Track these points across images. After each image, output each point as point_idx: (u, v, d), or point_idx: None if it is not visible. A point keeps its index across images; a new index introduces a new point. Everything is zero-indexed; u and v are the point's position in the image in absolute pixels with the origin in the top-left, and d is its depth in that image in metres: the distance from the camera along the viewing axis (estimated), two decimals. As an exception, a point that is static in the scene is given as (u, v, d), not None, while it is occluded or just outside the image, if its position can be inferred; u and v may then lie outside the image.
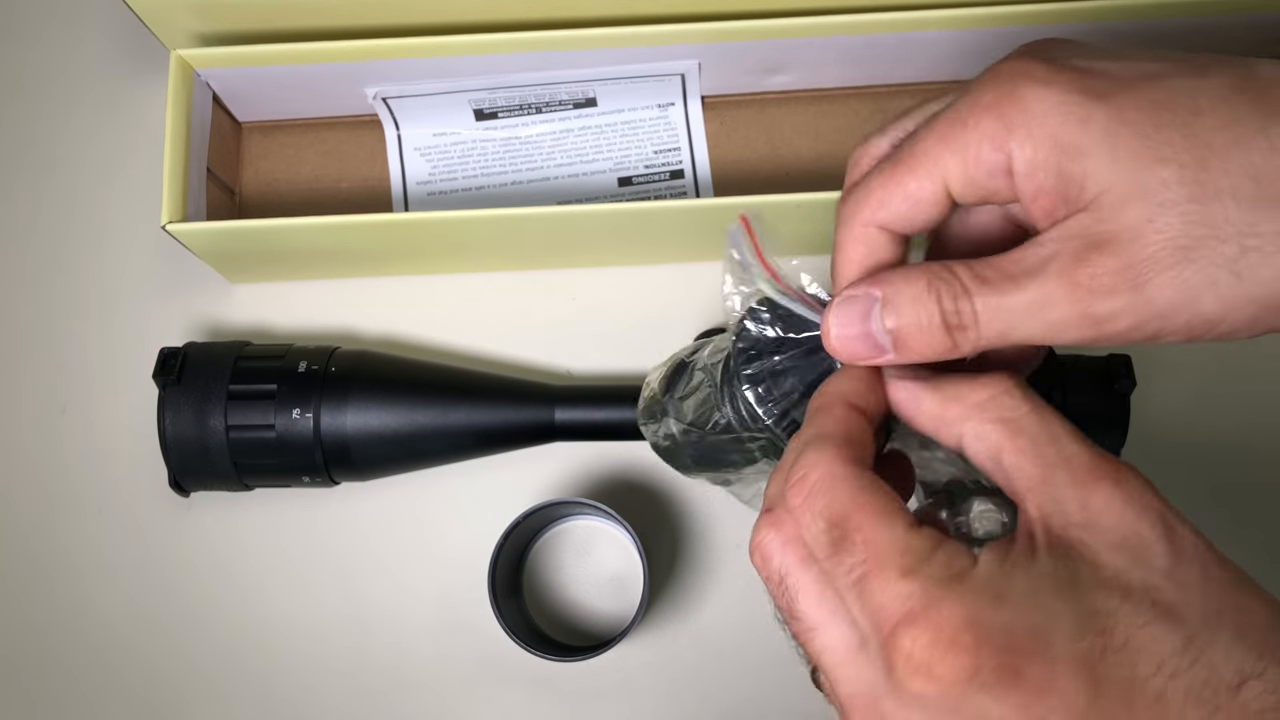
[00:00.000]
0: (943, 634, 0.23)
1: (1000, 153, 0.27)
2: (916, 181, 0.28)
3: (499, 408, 0.49)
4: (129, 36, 0.59)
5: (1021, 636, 0.23)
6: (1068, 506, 0.25)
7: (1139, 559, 0.24)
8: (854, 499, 0.26)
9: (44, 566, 0.53)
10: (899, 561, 0.25)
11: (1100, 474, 0.25)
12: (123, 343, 0.55)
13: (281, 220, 0.48)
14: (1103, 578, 0.24)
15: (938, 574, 0.24)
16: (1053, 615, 0.23)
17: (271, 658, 0.51)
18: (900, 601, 0.24)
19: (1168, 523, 0.24)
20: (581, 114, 0.57)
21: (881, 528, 0.25)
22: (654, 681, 0.50)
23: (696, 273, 0.55)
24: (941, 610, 0.24)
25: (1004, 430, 0.26)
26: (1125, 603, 0.23)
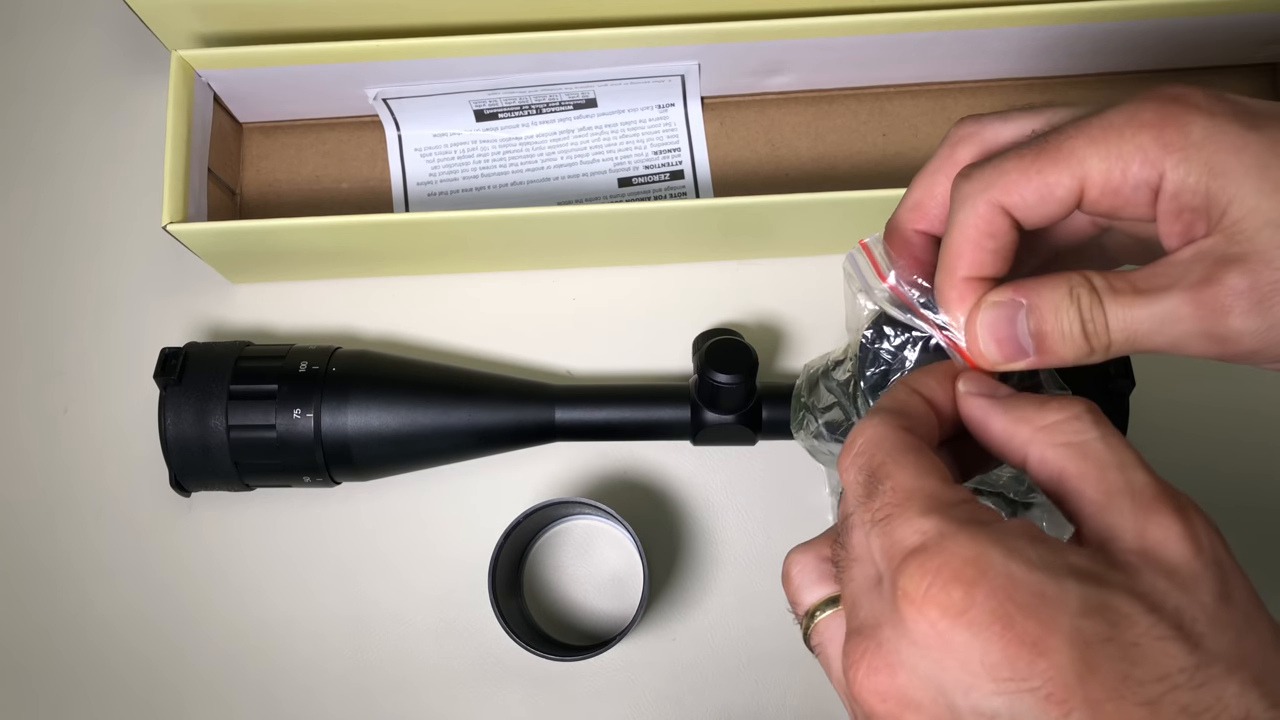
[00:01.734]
0: (947, 565, 0.24)
1: (1152, 169, 0.27)
2: (1057, 176, 0.28)
3: (499, 408, 0.49)
4: (130, 37, 0.59)
5: (1025, 591, 0.23)
6: (1125, 533, 0.25)
7: (1184, 588, 0.24)
8: (891, 454, 0.27)
9: (44, 566, 0.53)
10: (921, 503, 0.25)
11: (1164, 504, 0.25)
12: (123, 343, 0.55)
13: (282, 220, 0.48)
14: (1137, 590, 0.23)
15: (959, 516, 0.25)
16: (1064, 588, 0.23)
17: (272, 657, 0.51)
18: (916, 535, 0.25)
19: (1223, 566, 0.24)
20: (581, 115, 0.57)
21: (910, 474, 0.26)
22: (654, 681, 0.50)
23: (696, 273, 0.55)
24: (952, 544, 0.24)
25: (1069, 454, 0.26)
26: (1150, 615, 0.23)
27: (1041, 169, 0.28)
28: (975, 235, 0.30)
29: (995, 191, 0.29)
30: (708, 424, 0.48)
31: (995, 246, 0.30)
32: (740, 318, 0.55)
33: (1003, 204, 0.29)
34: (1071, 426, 0.27)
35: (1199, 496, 0.48)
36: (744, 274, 0.55)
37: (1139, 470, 0.26)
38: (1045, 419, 0.27)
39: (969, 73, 0.56)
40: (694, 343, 0.51)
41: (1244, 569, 0.25)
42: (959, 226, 0.30)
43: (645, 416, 0.49)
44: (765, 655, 0.50)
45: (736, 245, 0.54)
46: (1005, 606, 0.23)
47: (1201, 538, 0.24)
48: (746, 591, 0.51)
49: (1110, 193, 0.28)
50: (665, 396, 0.49)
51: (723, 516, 0.52)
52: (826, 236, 0.53)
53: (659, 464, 0.53)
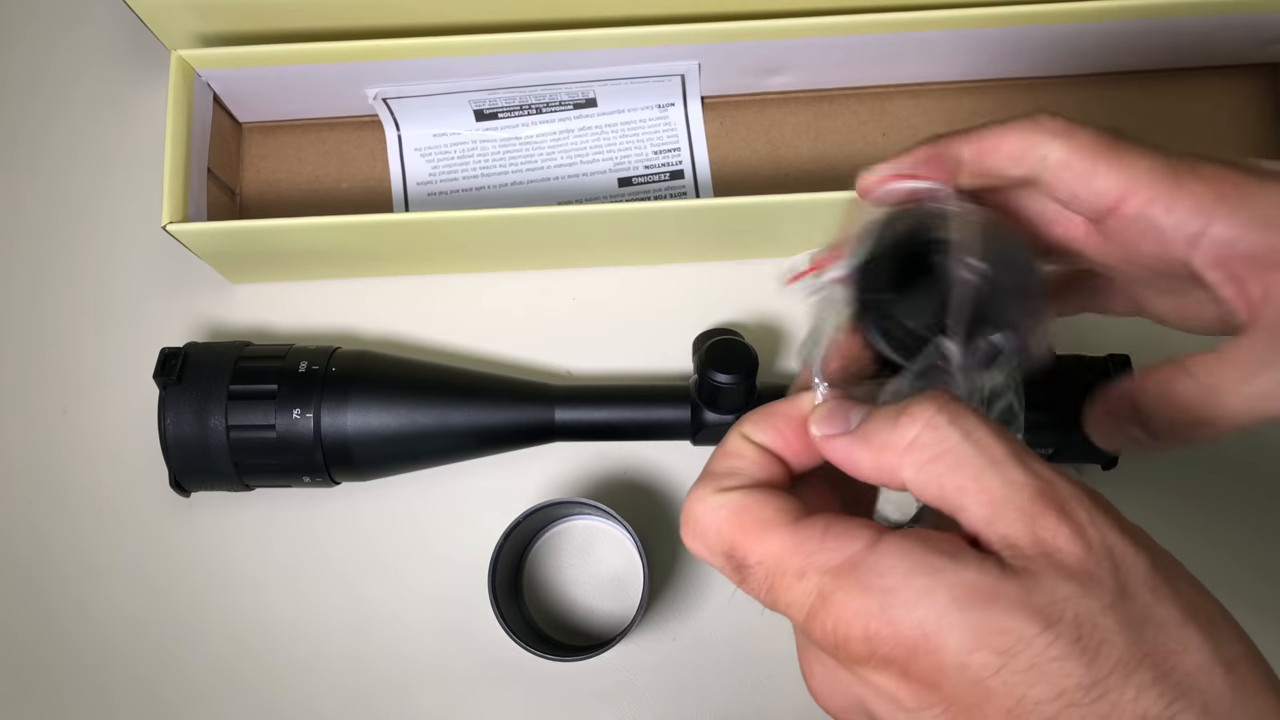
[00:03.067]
0: (839, 626, 0.25)
1: (1202, 219, 0.30)
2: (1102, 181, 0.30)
3: (499, 408, 0.49)
4: (129, 37, 0.59)
5: (907, 633, 0.24)
6: (1019, 539, 0.24)
7: (1083, 591, 0.23)
8: (731, 524, 0.27)
9: (43, 566, 0.53)
10: (791, 565, 0.26)
11: (1046, 503, 0.24)
12: (123, 343, 0.55)
13: (282, 220, 0.48)
14: (1034, 603, 0.23)
15: (827, 565, 0.25)
16: (944, 621, 0.23)
17: (271, 657, 0.51)
18: (802, 599, 0.26)
19: (1115, 557, 0.24)
20: (581, 114, 0.57)
21: (765, 539, 0.26)
22: (654, 681, 0.50)
23: (696, 273, 0.55)
24: (833, 605, 0.25)
25: (939, 470, 0.25)
26: (1047, 632, 0.23)
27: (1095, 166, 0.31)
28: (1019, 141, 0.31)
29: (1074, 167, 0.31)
30: (708, 424, 0.48)
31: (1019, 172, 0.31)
32: (740, 318, 0.55)
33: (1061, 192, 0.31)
34: (930, 437, 0.25)
35: (1200, 495, 0.48)
36: (744, 274, 0.55)
37: (1014, 468, 0.25)
38: (904, 438, 0.26)
39: (969, 72, 0.56)
40: (694, 343, 0.51)
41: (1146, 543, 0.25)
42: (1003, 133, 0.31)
43: (645, 416, 0.49)
44: (765, 655, 0.50)
45: (737, 245, 0.54)
46: (895, 652, 0.24)
47: (1089, 532, 0.24)
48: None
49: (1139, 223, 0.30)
50: (665, 396, 0.49)
51: (723, 517, 0.52)
52: (826, 236, 0.53)
53: (659, 464, 0.53)
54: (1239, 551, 0.51)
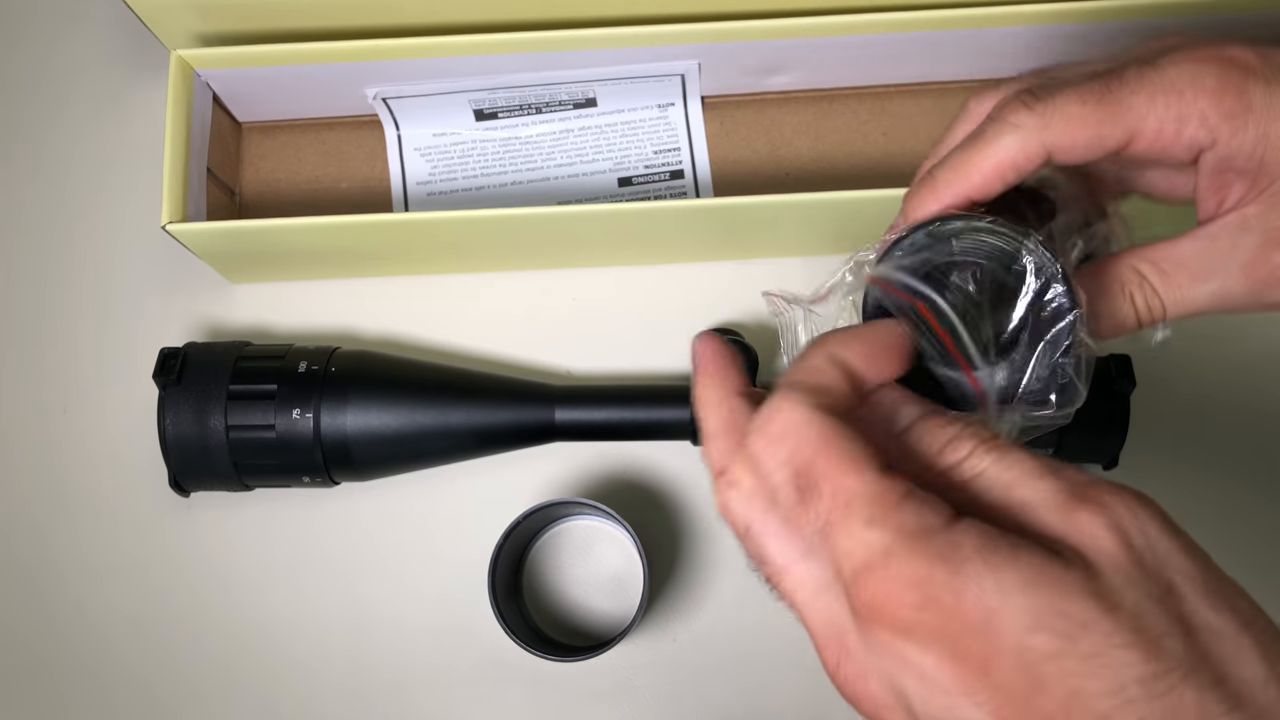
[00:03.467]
0: (895, 588, 0.23)
1: (1208, 134, 0.29)
2: (1111, 128, 0.29)
3: (499, 408, 0.49)
4: (129, 37, 0.59)
5: (970, 609, 0.23)
6: (1061, 535, 0.24)
7: (1133, 583, 0.23)
8: (820, 445, 0.25)
9: (43, 566, 0.53)
10: (865, 510, 0.24)
11: (1079, 500, 0.24)
12: (123, 343, 0.55)
13: (281, 220, 0.48)
14: (1092, 588, 0.23)
15: (905, 525, 0.24)
16: (1011, 602, 0.22)
17: (271, 657, 0.51)
18: (863, 549, 0.24)
19: (1158, 553, 0.23)
20: (581, 114, 0.57)
21: (849, 474, 0.25)
22: (654, 681, 0.50)
23: (696, 273, 0.55)
24: (897, 565, 0.23)
25: (972, 495, 0.25)
26: (1108, 617, 0.22)
27: (1100, 120, 0.29)
28: (1009, 164, 0.30)
29: (1050, 133, 0.29)
30: (708, 424, 0.48)
31: (1014, 180, 0.30)
32: (740, 318, 0.55)
33: (1053, 144, 0.29)
34: (966, 469, 0.26)
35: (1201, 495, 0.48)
36: (744, 274, 0.55)
37: (1045, 475, 0.25)
38: (942, 462, 0.26)
39: (969, 72, 0.56)
40: (694, 343, 0.51)
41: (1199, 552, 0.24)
42: (997, 148, 0.30)
43: (645, 416, 0.49)
44: (765, 655, 0.50)
45: (737, 245, 0.54)
46: (950, 626, 0.23)
47: (1128, 525, 0.23)
48: (746, 592, 0.51)
49: (1157, 148, 0.29)
50: (665, 396, 0.49)
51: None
52: (826, 236, 0.53)
53: (659, 464, 0.53)
54: (1238, 551, 0.51)
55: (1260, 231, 0.29)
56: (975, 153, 0.30)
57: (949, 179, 0.30)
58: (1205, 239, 0.30)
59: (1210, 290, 0.30)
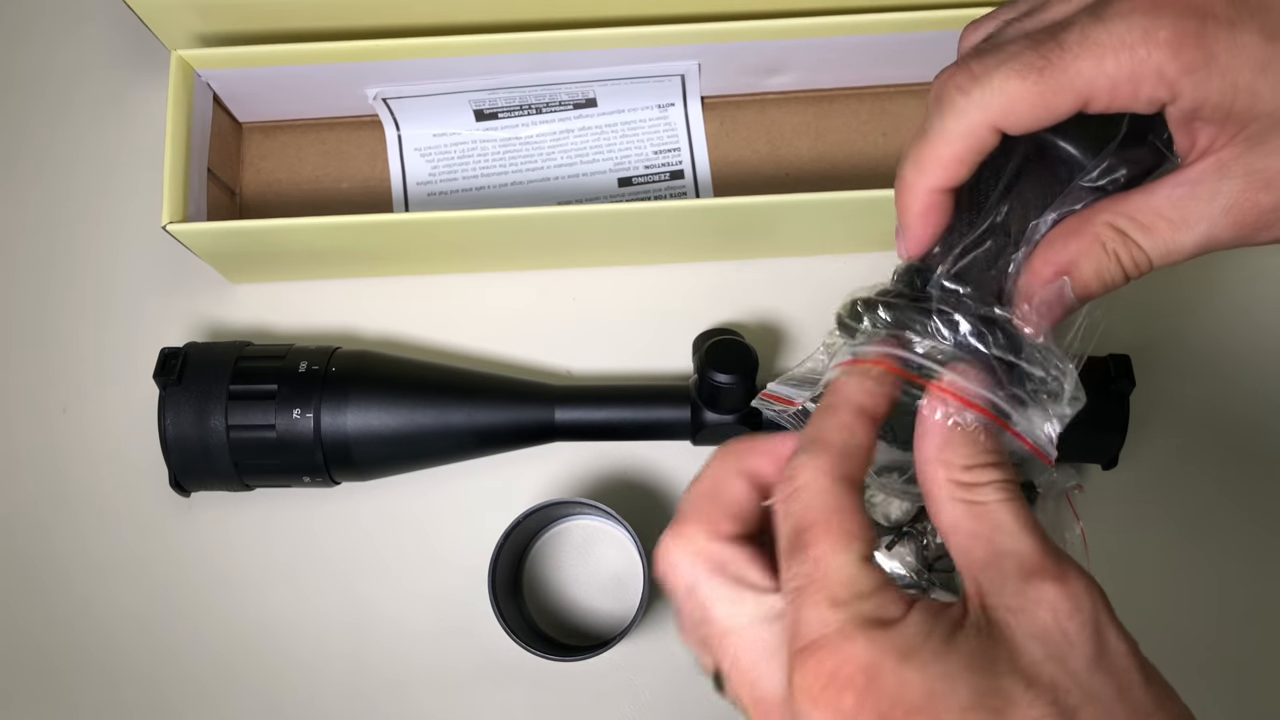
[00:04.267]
0: (841, 669, 0.24)
1: (1168, 90, 0.27)
2: (1060, 97, 0.28)
3: (499, 408, 0.49)
4: (129, 37, 0.59)
5: (914, 694, 0.24)
6: (1006, 590, 0.25)
7: (1056, 655, 0.24)
8: (825, 513, 0.26)
9: (43, 566, 0.53)
10: (835, 590, 0.25)
11: (1046, 571, 0.25)
12: (123, 343, 0.55)
13: (281, 220, 0.48)
14: (1016, 664, 0.24)
15: (864, 614, 0.25)
16: (953, 683, 0.24)
17: (271, 657, 0.51)
18: (819, 626, 0.25)
19: (1100, 631, 0.24)
20: (581, 114, 0.57)
21: (836, 551, 0.26)
22: (654, 681, 0.50)
23: (696, 273, 0.55)
24: (849, 647, 0.24)
25: (968, 512, 0.27)
26: (1028, 691, 0.23)
27: (1044, 91, 0.28)
28: (962, 150, 0.29)
29: (994, 112, 0.28)
30: (708, 424, 0.48)
31: (976, 160, 0.29)
32: (740, 318, 0.55)
33: (999, 122, 0.28)
34: (982, 491, 0.27)
35: (1202, 495, 0.48)
36: (744, 274, 0.55)
37: (1027, 537, 0.26)
38: (963, 476, 0.27)
39: (969, 73, 0.56)
40: (694, 343, 0.51)
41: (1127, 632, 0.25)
42: (946, 136, 0.29)
43: (645, 416, 0.49)
44: (765, 655, 0.50)
45: (737, 245, 0.54)
46: (894, 710, 0.24)
47: (1080, 599, 0.25)
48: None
49: (1117, 105, 0.28)
50: (665, 396, 0.49)
51: (723, 516, 0.52)
52: (826, 236, 0.53)
53: (659, 464, 0.53)
54: (1239, 550, 0.51)
55: (1241, 175, 0.28)
56: (925, 146, 0.30)
57: (912, 181, 0.30)
58: (1185, 185, 0.29)
59: (1195, 238, 0.29)
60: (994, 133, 0.29)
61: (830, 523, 0.26)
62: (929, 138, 0.30)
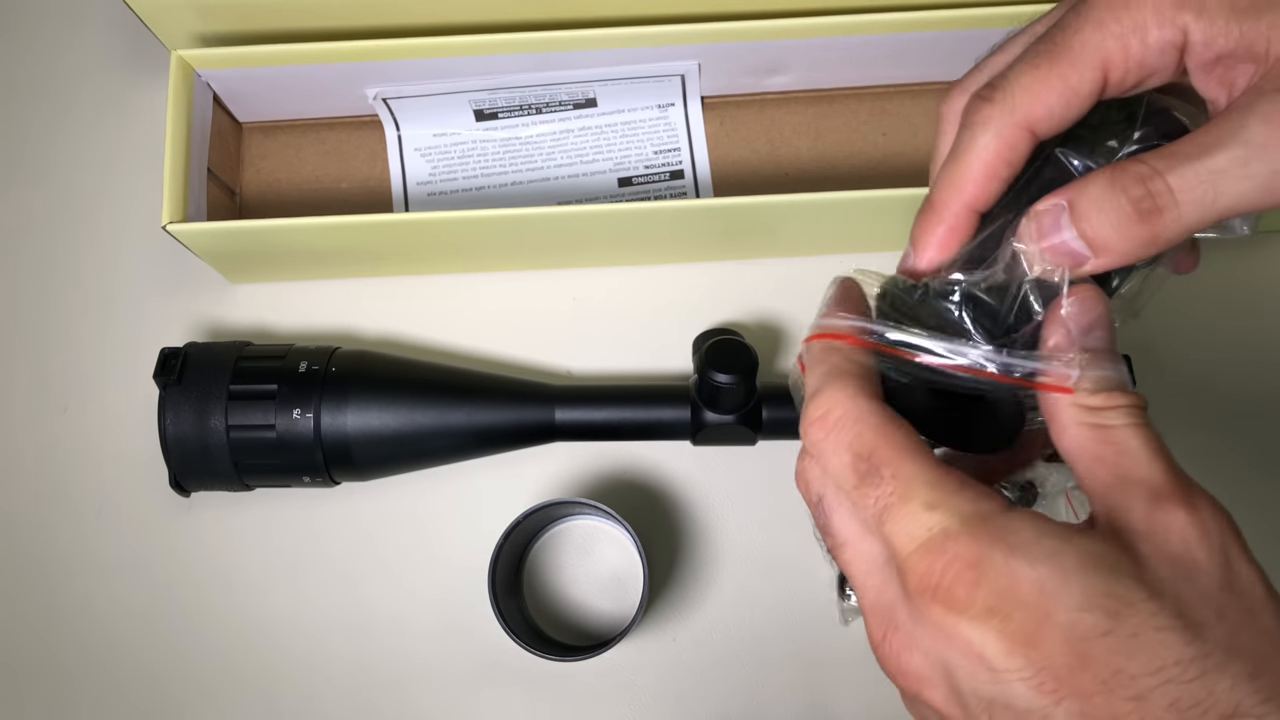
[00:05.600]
0: (952, 566, 0.24)
1: (1173, 28, 0.26)
2: (1078, 73, 0.27)
3: (499, 408, 0.49)
4: (129, 37, 0.59)
5: (1026, 586, 0.24)
6: (1133, 515, 0.25)
7: (1185, 576, 0.24)
8: (879, 433, 0.27)
9: (43, 566, 0.53)
10: (924, 494, 0.25)
11: (1176, 496, 0.25)
12: (123, 343, 0.55)
13: (281, 220, 0.48)
14: (1140, 575, 0.24)
15: (962, 509, 0.25)
16: (1066, 580, 0.24)
17: (271, 658, 0.51)
18: (922, 530, 0.25)
19: (1229, 558, 0.24)
20: (581, 114, 0.57)
21: (908, 461, 0.26)
22: (654, 681, 0.50)
23: (696, 273, 0.55)
24: (955, 544, 0.25)
25: (1096, 436, 0.26)
26: (1151, 600, 0.23)
27: (1062, 73, 0.27)
28: (994, 162, 0.28)
29: (1020, 112, 0.28)
30: (708, 424, 0.48)
31: (1009, 174, 0.29)
32: (740, 318, 0.55)
33: (1029, 122, 0.28)
34: (1110, 415, 0.26)
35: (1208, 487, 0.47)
36: (744, 274, 0.55)
37: (1157, 462, 0.26)
38: (1090, 400, 0.27)
39: (969, 73, 0.56)
40: (694, 343, 0.51)
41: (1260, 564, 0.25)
42: (977, 152, 0.28)
43: (645, 416, 0.49)
44: (765, 655, 0.50)
45: (736, 245, 0.54)
46: (1004, 603, 0.24)
47: (1208, 525, 0.24)
48: (746, 592, 0.51)
49: (1137, 69, 0.27)
50: (665, 396, 0.49)
51: (723, 516, 0.52)
52: (826, 236, 0.53)
53: (659, 464, 0.53)
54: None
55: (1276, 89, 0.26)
56: (959, 165, 0.29)
57: (945, 200, 0.30)
58: (1214, 119, 0.27)
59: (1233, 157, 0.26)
60: (1027, 135, 0.28)
61: (889, 438, 0.27)
62: (961, 155, 0.29)
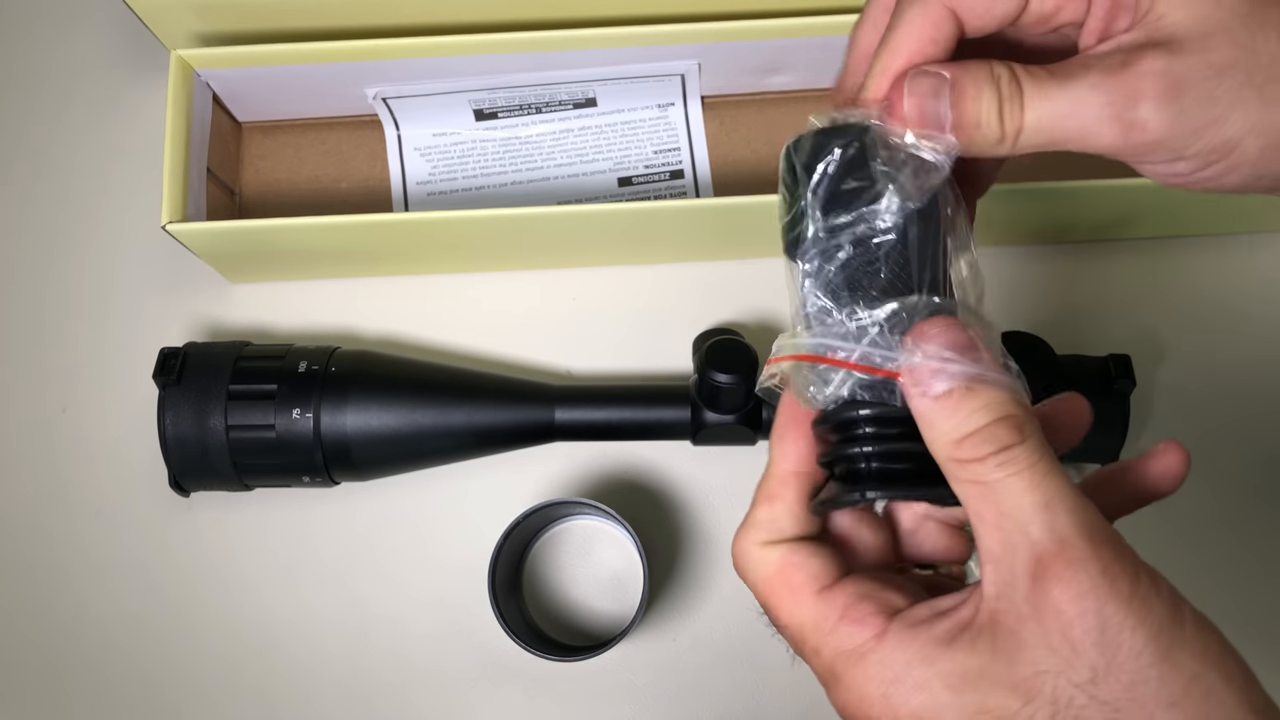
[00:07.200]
0: (849, 704, 0.27)
1: None
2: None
3: (499, 408, 0.49)
4: (129, 36, 0.59)
5: (907, 718, 0.25)
6: (1018, 594, 0.25)
7: (1066, 663, 0.24)
8: (767, 584, 0.29)
9: (42, 566, 0.53)
10: (811, 640, 0.28)
11: (1054, 565, 0.24)
12: (123, 343, 0.55)
13: (281, 220, 0.48)
14: (1013, 679, 0.24)
15: (840, 649, 0.27)
16: (938, 708, 0.25)
17: (271, 658, 0.51)
18: (820, 671, 0.28)
19: (1109, 629, 0.24)
20: (581, 114, 0.57)
21: (790, 606, 0.28)
22: (654, 681, 0.50)
23: (696, 273, 0.55)
24: (843, 687, 0.27)
25: (977, 495, 0.25)
26: (1026, 706, 0.24)
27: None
28: (921, 32, 0.29)
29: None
30: (708, 424, 0.48)
31: (937, 50, 0.29)
32: (740, 318, 0.55)
33: (952, 6, 0.29)
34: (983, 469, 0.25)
35: (1202, 496, 0.48)
36: (744, 274, 0.55)
37: (1039, 518, 0.24)
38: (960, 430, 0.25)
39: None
40: (694, 343, 0.51)
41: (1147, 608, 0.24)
42: (905, 24, 0.29)
43: (645, 416, 0.49)
44: (765, 655, 0.50)
45: (737, 245, 0.54)
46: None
47: (1086, 603, 0.24)
48: (746, 592, 0.51)
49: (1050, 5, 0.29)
50: (665, 396, 0.49)
51: (723, 516, 0.52)
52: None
53: (659, 464, 0.53)
54: (1239, 549, 0.51)
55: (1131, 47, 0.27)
56: (888, 40, 0.30)
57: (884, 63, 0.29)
58: (1077, 56, 0.29)
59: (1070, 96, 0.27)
60: (951, 18, 0.29)
61: (775, 586, 0.29)
62: (891, 34, 0.29)
